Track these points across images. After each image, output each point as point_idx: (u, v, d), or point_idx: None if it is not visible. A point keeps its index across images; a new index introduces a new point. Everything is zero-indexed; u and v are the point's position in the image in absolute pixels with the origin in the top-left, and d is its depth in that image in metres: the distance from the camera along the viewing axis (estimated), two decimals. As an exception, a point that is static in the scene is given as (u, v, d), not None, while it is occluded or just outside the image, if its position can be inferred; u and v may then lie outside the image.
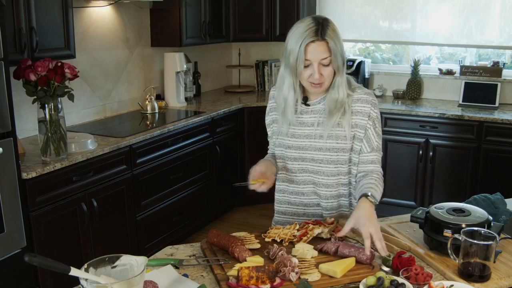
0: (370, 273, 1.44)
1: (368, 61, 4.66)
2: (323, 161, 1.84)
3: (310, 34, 1.67)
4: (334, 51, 1.69)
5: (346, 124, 1.79)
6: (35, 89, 2.57)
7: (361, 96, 1.82)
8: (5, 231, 2.40)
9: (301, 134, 1.85)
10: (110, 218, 3.06)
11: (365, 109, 1.81)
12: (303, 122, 1.85)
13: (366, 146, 1.82)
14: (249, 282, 1.37)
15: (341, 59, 1.72)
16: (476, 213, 1.61)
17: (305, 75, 1.73)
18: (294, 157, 1.88)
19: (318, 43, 1.68)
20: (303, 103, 1.84)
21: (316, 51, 1.68)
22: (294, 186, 1.93)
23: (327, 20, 1.72)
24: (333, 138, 1.81)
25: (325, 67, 1.71)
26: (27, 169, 2.55)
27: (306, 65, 1.71)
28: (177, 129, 3.55)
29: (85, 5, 3.46)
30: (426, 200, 4.09)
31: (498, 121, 3.76)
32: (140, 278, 1.20)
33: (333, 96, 1.78)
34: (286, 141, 1.88)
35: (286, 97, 1.80)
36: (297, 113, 1.85)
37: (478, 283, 1.43)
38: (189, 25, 4.08)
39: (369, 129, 1.82)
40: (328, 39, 1.68)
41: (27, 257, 1.15)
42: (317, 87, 1.75)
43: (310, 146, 1.84)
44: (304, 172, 1.89)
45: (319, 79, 1.72)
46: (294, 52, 1.69)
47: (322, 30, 1.67)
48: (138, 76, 4.08)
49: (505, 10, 4.13)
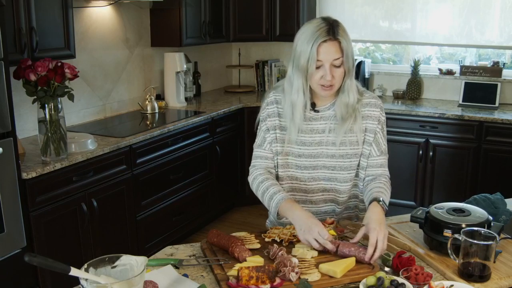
0: (370, 273, 1.45)
1: (368, 61, 4.66)
2: (335, 168, 1.81)
3: (322, 33, 1.63)
4: (346, 52, 1.66)
5: (358, 129, 1.78)
6: (35, 89, 2.57)
7: (370, 101, 1.81)
8: (5, 231, 2.40)
9: (312, 142, 1.81)
10: (110, 218, 3.06)
11: (375, 113, 1.81)
12: (313, 129, 1.81)
13: (376, 149, 1.82)
14: (249, 282, 1.37)
15: (351, 61, 1.69)
16: (476, 213, 1.62)
17: (316, 76, 1.69)
18: (305, 166, 1.82)
19: (330, 43, 1.64)
20: (312, 109, 1.80)
21: (329, 51, 1.65)
22: (302, 195, 1.87)
23: (337, 21, 1.69)
24: (346, 145, 1.79)
25: (336, 69, 1.68)
26: (27, 169, 2.55)
27: (318, 66, 1.67)
28: (177, 129, 3.55)
29: (85, 5, 3.46)
30: (426, 200, 4.09)
31: (498, 121, 3.76)
32: (140, 278, 1.20)
33: (343, 100, 1.75)
34: (296, 150, 1.82)
35: (295, 101, 1.74)
36: (306, 120, 1.80)
37: (478, 283, 1.43)
38: (189, 25, 4.08)
39: (378, 133, 1.82)
40: (341, 38, 1.65)
41: (27, 257, 1.15)
42: (327, 89, 1.71)
43: (322, 153, 1.80)
44: (315, 181, 1.84)
45: (330, 81, 1.68)
46: (306, 52, 1.65)
47: (334, 30, 1.65)
48: (138, 76, 4.08)
49: (505, 10, 4.13)
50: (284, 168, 1.85)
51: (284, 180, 1.86)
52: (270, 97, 1.88)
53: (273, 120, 1.85)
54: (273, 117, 1.85)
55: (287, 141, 1.81)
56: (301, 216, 1.63)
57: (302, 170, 1.83)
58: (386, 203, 1.68)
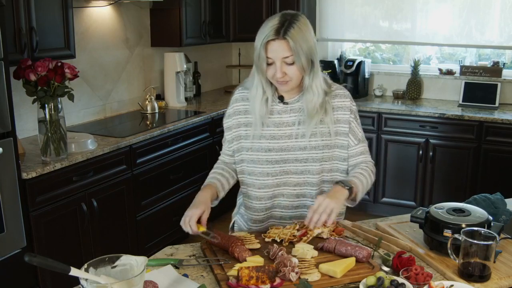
0: (370, 273, 1.45)
1: (368, 61, 4.66)
2: (308, 160, 1.80)
3: (271, 32, 1.64)
4: (295, 51, 1.64)
5: (329, 120, 1.78)
6: (35, 89, 2.57)
7: (339, 92, 1.82)
8: (5, 231, 2.40)
9: (282, 135, 1.80)
10: (110, 218, 3.06)
11: (345, 103, 1.81)
12: (283, 122, 1.80)
13: (353, 139, 1.82)
14: (249, 282, 1.37)
15: (306, 59, 1.66)
16: (476, 213, 1.61)
17: (269, 73, 1.70)
18: (276, 160, 1.80)
19: (278, 42, 1.64)
20: (280, 101, 1.80)
21: (277, 49, 1.65)
22: (274, 190, 1.84)
23: (296, 17, 1.67)
24: (317, 136, 1.78)
25: (289, 66, 1.67)
26: (27, 169, 2.55)
27: (269, 63, 1.69)
28: (177, 129, 3.55)
29: (85, 5, 3.46)
30: (426, 200, 4.09)
31: (498, 121, 3.76)
32: (140, 278, 1.20)
33: (308, 97, 1.75)
34: (265, 144, 1.80)
35: (254, 96, 1.77)
36: (275, 113, 1.80)
37: (478, 283, 1.43)
38: (189, 25, 4.08)
39: (352, 122, 1.82)
40: (289, 38, 1.63)
41: (27, 257, 1.15)
42: (283, 84, 1.72)
43: (293, 146, 1.79)
44: (286, 174, 1.82)
45: (281, 77, 1.68)
46: (257, 50, 1.68)
47: (285, 29, 1.63)
48: (138, 76, 4.08)
49: (505, 10, 4.13)
50: (253, 163, 1.83)
51: (254, 175, 1.84)
52: (236, 94, 1.89)
53: (236, 118, 1.85)
54: (236, 115, 1.85)
55: (253, 136, 1.81)
56: (198, 196, 1.74)
57: (273, 164, 1.81)
58: (351, 184, 1.69)
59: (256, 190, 1.86)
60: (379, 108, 4.17)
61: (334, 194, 1.64)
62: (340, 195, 1.65)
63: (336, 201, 1.61)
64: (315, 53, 1.70)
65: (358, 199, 1.74)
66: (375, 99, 4.55)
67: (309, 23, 1.71)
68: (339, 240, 1.61)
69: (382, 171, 4.22)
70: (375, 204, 4.33)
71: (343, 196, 1.65)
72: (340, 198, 1.64)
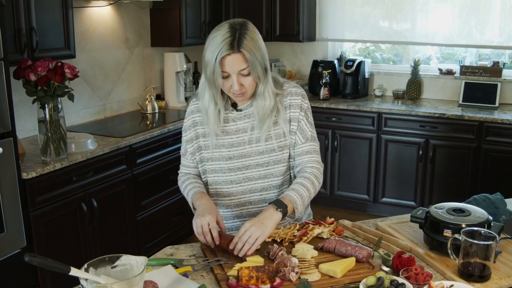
0: (370, 273, 1.44)
1: (368, 61, 4.66)
2: (270, 163, 1.79)
3: (225, 47, 1.60)
4: (251, 62, 1.62)
5: (282, 121, 1.77)
6: (35, 89, 2.57)
7: (291, 90, 1.80)
8: (5, 231, 2.40)
9: (241, 142, 1.78)
10: (110, 218, 3.06)
11: (296, 101, 1.79)
12: (239, 129, 1.78)
13: (300, 137, 1.79)
14: (249, 282, 1.37)
15: (261, 68, 1.65)
16: (476, 213, 1.61)
17: (225, 86, 1.68)
18: (238, 167, 1.79)
19: (234, 55, 1.61)
20: (234, 109, 1.79)
21: (233, 63, 1.62)
22: (240, 197, 1.82)
23: (245, 27, 1.64)
24: (272, 139, 1.77)
25: (245, 77, 1.66)
26: (27, 169, 2.55)
27: (225, 77, 1.65)
28: (177, 129, 3.55)
29: (85, 5, 3.46)
30: (426, 200, 4.09)
31: (498, 121, 3.76)
32: (140, 278, 1.20)
33: (260, 103, 1.73)
34: (225, 153, 1.79)
35: (207, 109, 1.74)
36: (230, 121, 1.78)
37: (478, 283, 1.43)
38: (189, 25, 4.08)
39: (302, 120, 1.79)
40: (244, 50, 1.60)
41: (27, 257, 1.15)
42: (240, 96, 1.70)
43: (252, 152, 1.78)
44: (250, 181, 1.80)
45: (239, 90, 1.66)
46: (211, 65, 1.63)
47: (238, 41, 1.61)
48: (138, 76, 4.08)
49: (505, 10, 4.13)
50: (215, 173, 1.82)
51: (218, 184, 1.83)
52: (191, 106, 1.87)
53: (194, 130, 1.84)
54: (194, 127, 1.84)
55: (212, 146, 1.79)
56: (203, 204, 1.69)
57: (236, 172, 1.80)
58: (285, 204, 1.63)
59: (222, 199, 1.85)
60: (379, 108, 4.17)
61: (263, 221, 1.58)
62: (269, 222, 1.58)
63: (264, 229, 1.55)
64: (267, 58, 1.69)
65: (298, 213, 1.69)
66: (375, 99, 4.55)
67: (256, 28, 1.69)
68: (339, 240, 1.61)
69: (382, 171, 4.22)
70: (375, 204, 4.33)
71: (273, 221, 1.59)
72: (268, 225, 1.57)
